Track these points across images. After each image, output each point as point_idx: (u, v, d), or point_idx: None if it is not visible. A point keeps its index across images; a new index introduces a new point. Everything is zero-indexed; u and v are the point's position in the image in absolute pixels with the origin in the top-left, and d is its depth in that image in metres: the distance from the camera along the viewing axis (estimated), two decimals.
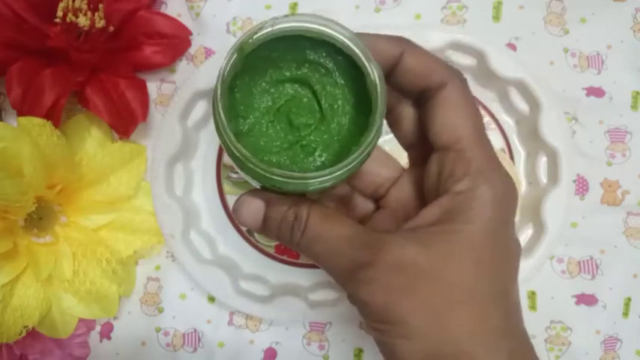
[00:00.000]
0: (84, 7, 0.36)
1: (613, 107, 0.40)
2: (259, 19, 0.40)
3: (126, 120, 0.37)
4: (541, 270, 0.39)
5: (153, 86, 0.40)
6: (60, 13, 0.35)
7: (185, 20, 0.40)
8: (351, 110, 0.25)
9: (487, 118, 0.40)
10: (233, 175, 0.41)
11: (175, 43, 0.39)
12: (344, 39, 0.23)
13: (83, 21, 0.35)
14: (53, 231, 0.38)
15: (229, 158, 0.24)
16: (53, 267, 0.36)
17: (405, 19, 0.40)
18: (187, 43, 0.40)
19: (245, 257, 0.41)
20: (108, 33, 0.36)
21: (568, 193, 0.38)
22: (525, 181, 0.40)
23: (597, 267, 0.40)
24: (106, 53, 0.37)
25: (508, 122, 0.40)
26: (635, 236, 0.40)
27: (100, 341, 0.40)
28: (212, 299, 0.40)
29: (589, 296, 0.39)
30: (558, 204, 0.37)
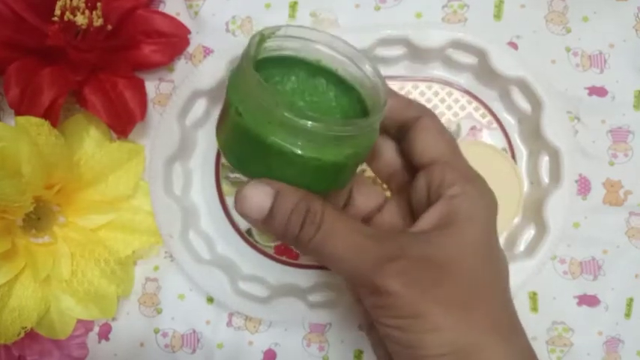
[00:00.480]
0: (82, 6, 0.35)
1: (615, 107, 0.39)
2: (258, 18, 0.40)
3: (124, 119, 0.37)
4: (543, 270, 0.38)
5: (151, 85, 0.40)
6: (58, 12, 0.35)
7: (184, 19, 0.40)
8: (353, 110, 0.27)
9: (489, 118, 0.40)
10: (231, 175, 0.40)
11: (174, 42, 0.39)
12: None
13: (81, 19, 0.35)
14: (51, 231, 0.38)
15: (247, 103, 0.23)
16: (51, 267, 0.36)
17: (406, 18, 0.40)
18: (186, 42, 0.40)
19: (244, 258, 0.40)
20: (106, 32, 0.36)
21: (570, 193, 0.37)
22: (527, 181, 0.40)
23: (599, 267, 0.39)
24: (105, 52, 0.37)
25: (510, 121, 0.40)
26: (637, 236, 0.39)
27: (99, 342, 0.40)
28: (211, 300, 0.40)
29: (591, 297, 0.39)
30: (560, 204, 0.37)
